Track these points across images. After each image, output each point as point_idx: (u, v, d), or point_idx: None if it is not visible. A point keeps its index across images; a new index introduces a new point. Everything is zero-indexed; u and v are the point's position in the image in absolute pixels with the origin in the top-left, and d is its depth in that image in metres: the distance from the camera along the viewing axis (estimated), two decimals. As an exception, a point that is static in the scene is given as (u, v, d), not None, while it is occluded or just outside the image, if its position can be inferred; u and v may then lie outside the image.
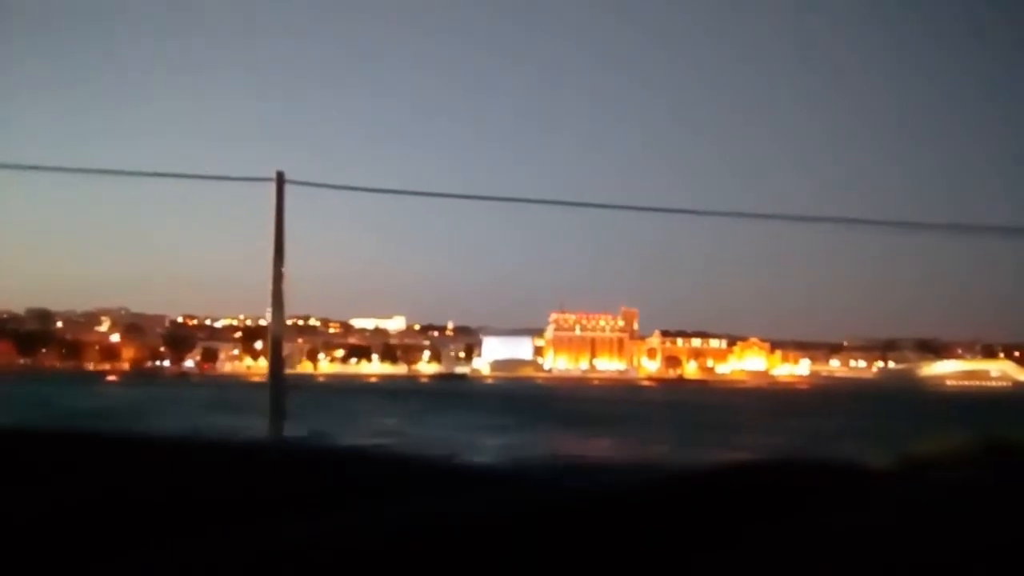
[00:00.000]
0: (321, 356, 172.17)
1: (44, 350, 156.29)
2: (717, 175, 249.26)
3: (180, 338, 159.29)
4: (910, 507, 3.81)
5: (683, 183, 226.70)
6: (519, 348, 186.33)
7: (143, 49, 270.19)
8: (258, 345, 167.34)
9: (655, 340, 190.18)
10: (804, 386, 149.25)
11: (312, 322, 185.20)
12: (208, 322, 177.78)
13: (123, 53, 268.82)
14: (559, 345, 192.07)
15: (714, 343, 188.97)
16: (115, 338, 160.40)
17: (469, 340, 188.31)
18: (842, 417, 59.47)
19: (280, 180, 12.26)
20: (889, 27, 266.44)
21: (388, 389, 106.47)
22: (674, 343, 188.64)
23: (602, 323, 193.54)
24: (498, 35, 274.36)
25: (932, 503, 3.88)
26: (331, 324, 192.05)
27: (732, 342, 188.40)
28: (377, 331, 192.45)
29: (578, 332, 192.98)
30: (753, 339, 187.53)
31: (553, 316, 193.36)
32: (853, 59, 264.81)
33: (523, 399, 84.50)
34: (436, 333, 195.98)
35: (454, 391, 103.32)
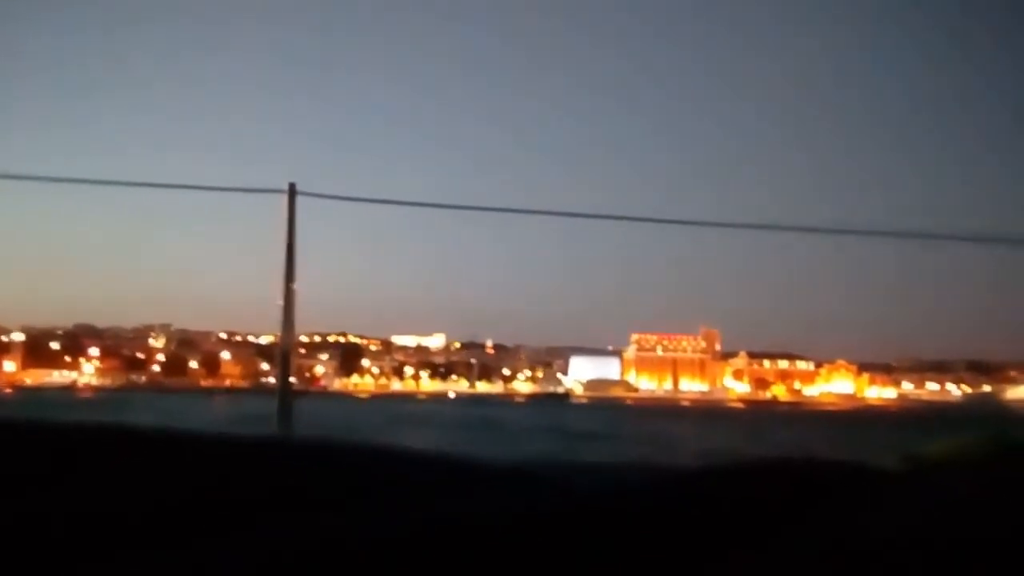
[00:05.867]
0: (410, 372, 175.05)
1: (154, 367, 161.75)
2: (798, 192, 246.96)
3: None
4: (917, 508, 3.80)
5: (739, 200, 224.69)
6: (607, 368, 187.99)
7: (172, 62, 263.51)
8: (365, 363, 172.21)
9: (741, 361, 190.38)
10: (896, 409, 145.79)
11: (352, 339, 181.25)
12: (251, 339, 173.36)
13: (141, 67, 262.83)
14: (641, 365, 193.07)
15: (801, 364, 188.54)
16: (225, 355, 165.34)
17: (509, 358, 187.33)
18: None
19: (292, 192, 12.12)
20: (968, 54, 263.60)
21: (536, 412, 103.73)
22: (760, 364, 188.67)
23: (684, 344, 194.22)
24: (563, 44, 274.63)
25: (939, 504, 3.86)
26: (371, 341, 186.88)
27: (818, 364, 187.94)
28: (419, 348, 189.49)
29: (659, 352, 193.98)
30: (841, 361, 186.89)
31: (635, 336, 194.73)
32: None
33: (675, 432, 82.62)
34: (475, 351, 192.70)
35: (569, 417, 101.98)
